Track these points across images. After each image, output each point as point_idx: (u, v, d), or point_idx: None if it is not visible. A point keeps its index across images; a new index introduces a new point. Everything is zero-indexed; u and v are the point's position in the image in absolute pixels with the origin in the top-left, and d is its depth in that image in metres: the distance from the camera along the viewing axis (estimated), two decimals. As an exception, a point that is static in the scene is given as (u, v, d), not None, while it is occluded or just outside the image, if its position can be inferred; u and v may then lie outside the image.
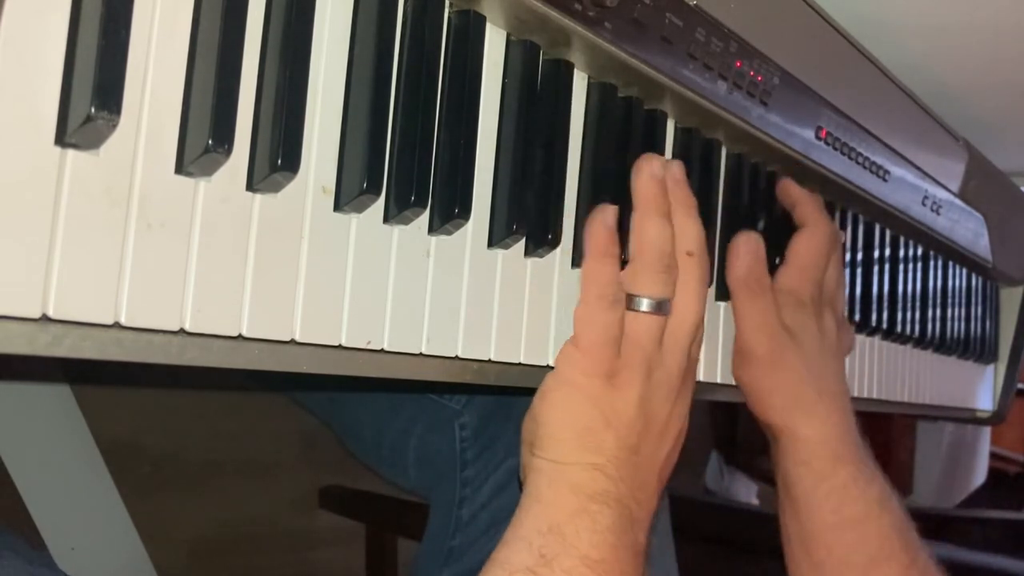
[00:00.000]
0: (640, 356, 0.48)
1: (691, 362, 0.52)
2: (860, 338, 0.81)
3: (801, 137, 0.63)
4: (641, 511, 0.48)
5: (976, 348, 1.06)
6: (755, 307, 0.59)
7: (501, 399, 0.73)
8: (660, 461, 0.50)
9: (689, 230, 0.51)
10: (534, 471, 0.47)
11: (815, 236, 0.63)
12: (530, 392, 0.49)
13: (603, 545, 0.45)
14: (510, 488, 0.70)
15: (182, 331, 0.34)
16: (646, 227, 0.50)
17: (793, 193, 0.65)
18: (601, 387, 0.47)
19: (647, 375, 0.48)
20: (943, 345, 0.96)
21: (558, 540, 0.44)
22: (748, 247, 0.59)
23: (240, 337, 0.36)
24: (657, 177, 0.51)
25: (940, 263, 0.96)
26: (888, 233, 0.84)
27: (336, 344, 0.39)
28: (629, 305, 0.49)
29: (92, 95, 0.30)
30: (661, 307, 0.49)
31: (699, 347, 0.54)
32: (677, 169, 0.52)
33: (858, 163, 0.70)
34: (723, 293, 0.61)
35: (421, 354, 0.43)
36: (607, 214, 0.49)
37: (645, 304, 0.48)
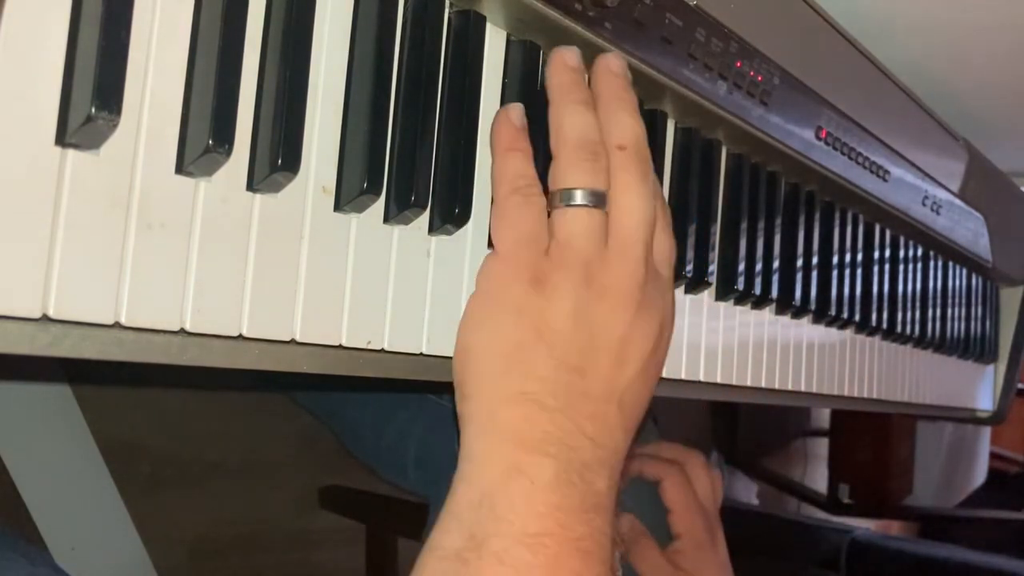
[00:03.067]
0: (572, 257, 0.40)
1: (652, 272, 0.43)
2: (860, 338, 0.81)
3: (801, 137, 0.63)
4: (596, 450, 0.39)
5: (976, 348, 1.06)
6: (640, 556, 0.69)
7: None
8: (619, 388, 0.41)
9: (622, 123, 0.43)
10: (464, 421, 0.40)
11: (673, 482, 0.72)
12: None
13: (544, 514, 0.37)
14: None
15: (182, 331, 0.34)
16: (562, 116, 0.43)
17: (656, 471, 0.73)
18: (525, 293, 0.40)
19: (585, 280, 0.40)
20: (943, 345, 0.96)
21: (489, 515, 0.37)
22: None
23: (240, 337, 0.36)
24: (571, 66, 0.44)
25: (940, 263, 0.96)
26: (888, 233, 0.84)
27: (336, 344, 0.39)
28: (555, 202, 0.42)
29: (92, 95, 0.30)
30: (594, 199, 0.41)
31: (667, 261, 0.46)
32: (614, 60, 0.45)
33: (858, 163, 0.70)
34: (723, 292, 0.61)
35: (421, 354, 0.43)
36: (510, 109, 0.43)
37: (576, 196, 0.41)
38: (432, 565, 0.38)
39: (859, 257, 0.79)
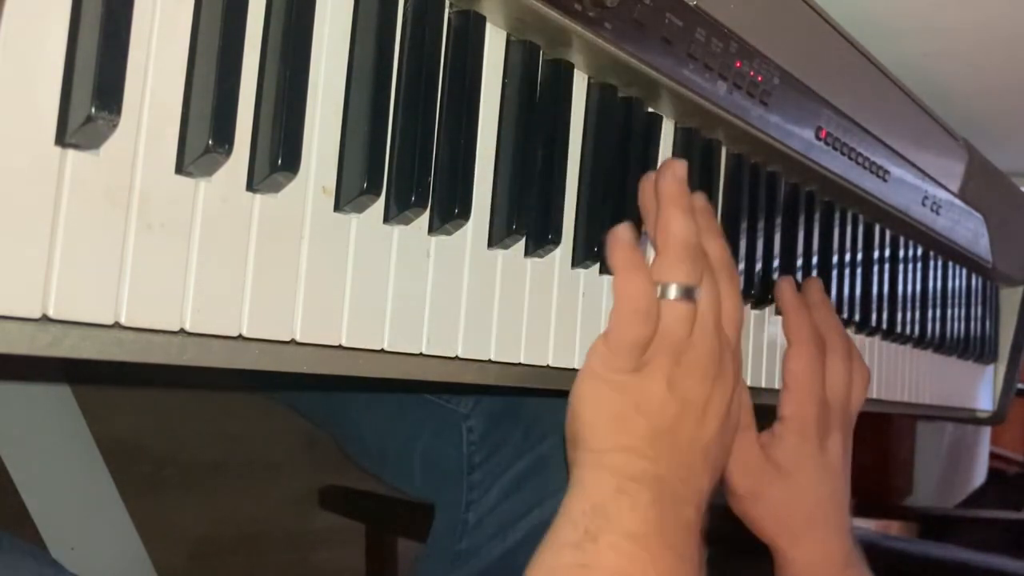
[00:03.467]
0: (668, 344, 0.49)
1: (726, 345, 0.52)
2: (860, 338, 0.81)
3: (801, 137, 0.63)
4: (687, 490, 0.49)
5: (976, 348, 1.06)
6: (735, 446, 0.59)
7: (509, 402, 0.72)
8: (704, 443, 0.50)
9: (713, 243, 0.53)
10: (575, 464, 0.49)
11: (801, 353, 0.62)
12: (533, 393, 0.49)
13: (645, 521, 0.46)
14: (518, 492, 0.70)
15: (182, 331, 0.34)
16: (672, 220, 0.50)
17: (786, 299, 0.64)
18: (630, 378, 0.48)
19: (675, 361, 0.49)
20: (943, 345, 0.96)
21: (601, 517, 0.46)
22: None
23: (240, 337, 0.36)
24: (680, 177, 0.52)
25: (940, 263, 0.96)
26: (888, 233, 0.84)
27: (336, 344, 0.39)
28: (659, 295, 0.49)
29: (92, 95, 0.30)
30: (689, 294, 0.49)
31: (737, 332, 0.54)
32: (700, 199, 0.54)
33: (858, 163, 0.70)
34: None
35: (421, 354, 0.43)
36: (619, 230, 0.50)
37: (672, 291, 0.49)
38: (551, 552, 0.46)
39: (859, 257, 0.79)
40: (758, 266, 0.65)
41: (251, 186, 0.36)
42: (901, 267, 0.87)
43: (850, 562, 0.62)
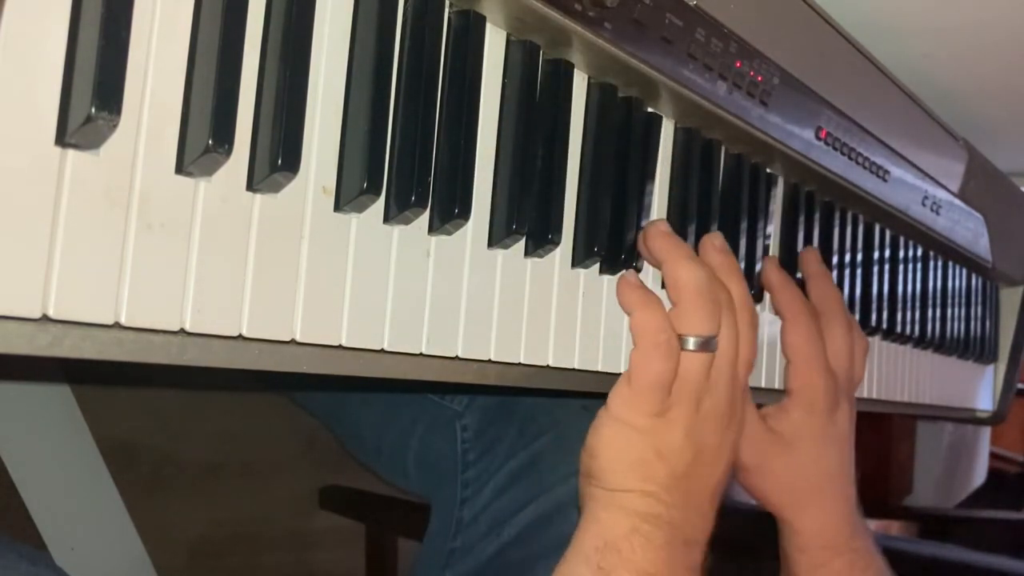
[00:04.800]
0: (688, 392, 0.50)
1: (738, 387, 0.53)
2: (860, 338, 0.81)
3: (801, 137, 0.63)
4: (696, 533, 0.51)
5: (976, 348, 1.06)
6: None
7: (503, 400, 0.72)
8: (712, 486, 0.52)
9: (735, 287, 0.53)
10: (590, 499, 0.50)
11: (797, 325, 0.62)
12: (531, 392, 0.49)
13: (657, 561, 0.48)
14: (512, 490, 0.70)
15: (182, 331, 0.34)
16: (677, 270, 0.51)
17: (771, 279, 0.64)
18: (652, 423, 0.49)
19: (695, 408, 0.50)
20: (943, 345, 0.96)
21: (615, 555, 0.47)
22: None
23: (240, 337, 0.36)
24: (666, 231, 0.53)
25: (940, 263, 0.96)
26: (888, 233, 0.84)
27: (336, 344, 0.39)
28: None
29: (92, 95, 0.30)
30: (707, 344, 0.50)
31: (748, 374, 0.55)
32: (718, 238, 0.55)
33: (858, 163, 0.70)
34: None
35: (421, 354, 0.43)
36: (627, 274, 0.52)
37: (692, 343, 0.50)
38: None
39: (859, 257, 0.79)
40: (758, 266, 0.65)
41: (251, 186, 0.36)
42: (901, 267, 0.87)
43: (855, 532, 0.62)
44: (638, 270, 0.54)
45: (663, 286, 0.53)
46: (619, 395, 0.50)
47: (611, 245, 0.52)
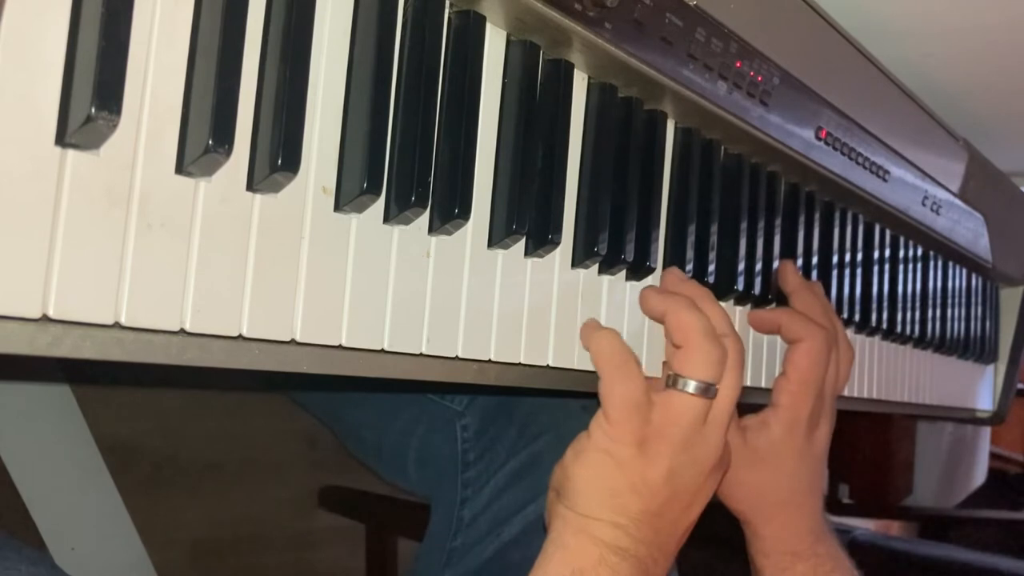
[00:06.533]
0: (677, 433, 0.49)
1: (723, 439, 0.53)
2: (860, 338, 0.81)
3: (801, 137, 0.63)
4: (657, 568, 0.50)
5: (976, 348, 1.06)
6: None
7: (503, 400, 0.72)
8: (683, 529, 0.52)
9: (714, 314, 0.52)
10: (560, 518, 0.50)
11: (813, 347, 0.61)
12: (531, 392, 0.49)
13: None
14: (512, 489, 0.70)
15: (182, 331, 0.34)
16: (680, 316, 0.51)
17: (791, 281, 0.64)
18: (631, 456, 0.49)
19: (682, 451, 0.50)
20: (943, 345, 0.96)
21: None
22: None
23: (240, 337, 0.36)
24: (682, 276, 0.54)
25: (940, 263, 0.96)
26: (888, 233, 0.84)
27: (336, 344, 0.39)
28: (674, 384, 0.50)
29: (92, 95, 0.30)
30: (708, 391, 0.50)
31: (734, 401, 0.54)
32: (676, 272, 0.56)
33: (858, 163, 0.70)
34: (723, 292, 0.61)
35: (421, 354, 0.43)
36: (590, 321, 0.52)
37: (692, 386, 0.49)
38: None
39: (859, 257, 0.79)
40: (758, 266, 0.65)
41: (251, 186, 0.36)
42: (901, 267, 0.87)
43: (819, 538, 0.63)
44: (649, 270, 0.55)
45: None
46: (599, 425, 0.50)
47: (611, 245, 0.52)
